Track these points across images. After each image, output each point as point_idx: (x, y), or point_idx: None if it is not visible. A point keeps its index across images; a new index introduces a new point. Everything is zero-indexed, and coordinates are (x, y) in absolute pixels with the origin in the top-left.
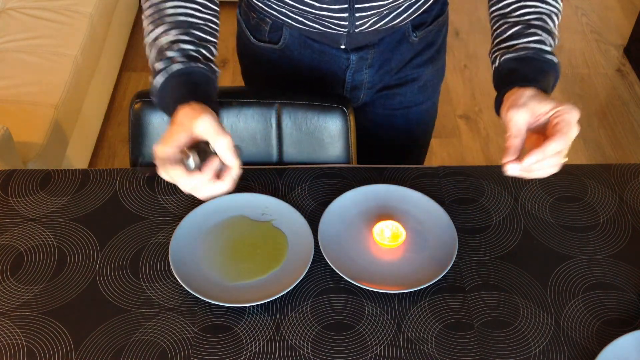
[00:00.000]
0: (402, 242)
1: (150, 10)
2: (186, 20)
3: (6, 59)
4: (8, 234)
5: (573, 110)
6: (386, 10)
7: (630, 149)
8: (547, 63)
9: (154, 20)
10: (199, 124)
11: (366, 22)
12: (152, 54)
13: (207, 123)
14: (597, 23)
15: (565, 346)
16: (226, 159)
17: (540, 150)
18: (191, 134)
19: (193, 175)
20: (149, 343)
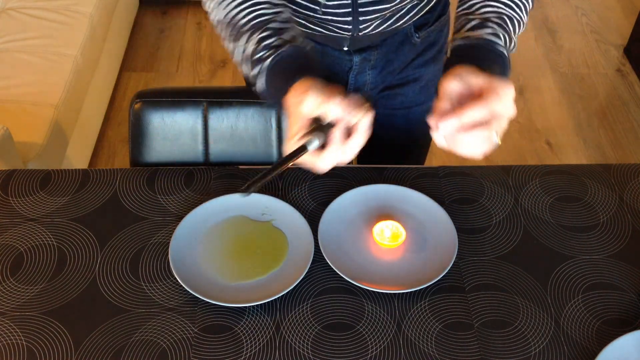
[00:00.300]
0: (402, 242)
1: (226, 30)
2: (260, 20)
3: (6, 59)
4: (8, 234)
5: (507, 85)
6: (389, 14)
7: (630, 149)
8: (495, 54)
9: (234, 37)
10: (305, 106)
11: (370, 26)
12: (246, 67)
13: (310, 101)
14: (597, 23)
15: (565, 346)
16: (346, 119)
17: (456, 115)
18: (306, 119)
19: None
20: (149, 343)
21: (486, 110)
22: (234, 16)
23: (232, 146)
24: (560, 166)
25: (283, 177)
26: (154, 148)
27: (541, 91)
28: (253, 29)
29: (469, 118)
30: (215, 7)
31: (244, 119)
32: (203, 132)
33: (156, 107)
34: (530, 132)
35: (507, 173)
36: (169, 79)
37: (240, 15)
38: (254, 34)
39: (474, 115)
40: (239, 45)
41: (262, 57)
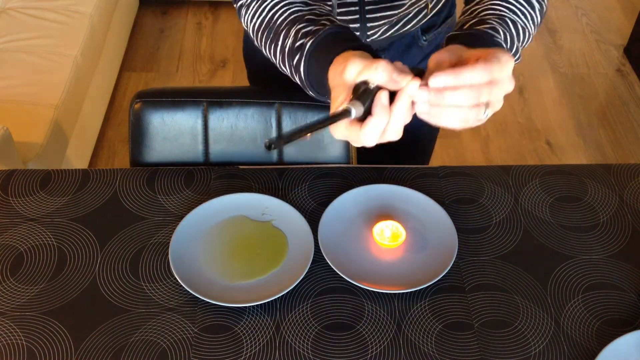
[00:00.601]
0: (402, 242)
1: (265, 35)
2: (297, 15)
3: (6, 59)
4: (8, 234)
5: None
6: (396, 19)
7: (630, 149)
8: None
9: (272, 39)
10: (348, 73)
11: (378, 31)
12: (288, 62)
13: (353, 67)
14: (597, 23)
15: (565, 346)
16: (392, 83)
17: (454, 71)
18: (349, 87)
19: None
20: (149, 343)
21: (487, 73)
22: (270, 18)
23: (232, 146)
24: (560, 166)
25: (283, 177)
26: (154, 148)
27: (541, 91)
28: (290, 24)
29: (468, 79)
30: (251, 19)
31: (244, 119)
32: (203, 132)
33: (156, 107)
34: (530, 132)
35: (507, 173)
36: (169, 79)
37: (276, 15)
38: (292, 29)
39: (473, 76)
40: (278, 44)
41: (302, 44)
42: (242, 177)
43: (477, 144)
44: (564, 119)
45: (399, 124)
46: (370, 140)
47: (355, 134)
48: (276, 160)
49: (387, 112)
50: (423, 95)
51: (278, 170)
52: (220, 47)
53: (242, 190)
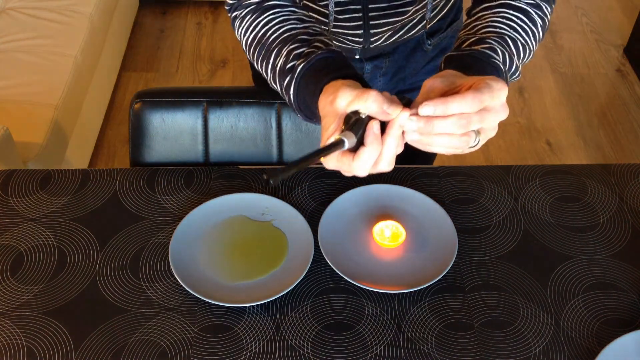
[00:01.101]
0: (402, 242)
1: (257, 51)
2: (289, 34)
3: (6, 59)
4: (8, 234)
5: (501, 81)
6: (400, 25)
7: (630, 149)
8: (490, 66)
9: (264, 56)
10: (338, 103)
11: (381, 37)
12: (279, 80)
13: (343, 97)
14: (597, 23)
15: (565, 346)
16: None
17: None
18: (340, 116)
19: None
20: (149, 343)
21: (477, 101)
22: (263, 35)
23: (232, 146)
24: (560, 166)
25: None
26: (154, 148)
27: (541, 91)
28: (282, 43)
29: (457, 108)
30: (245, 32)
31: (244, 119)
32: (203, 132)
33: (156, 107)
34: (530, 132)
35: (507, 173)
36: (169, 79)
37: (269, 32)
38: (283, 48)
39: (462, 104)
40: (270, 62)
41: (293, 66)
42: (242, 177)
43: None
44: (564, 119)
45: (391, 154)
46: (362, 170)
47: (347, 165)
48: (276, 160)
49: (379, 142)
50: (412, 124)
51: None
52: (220, 47)
53: (242, 190)
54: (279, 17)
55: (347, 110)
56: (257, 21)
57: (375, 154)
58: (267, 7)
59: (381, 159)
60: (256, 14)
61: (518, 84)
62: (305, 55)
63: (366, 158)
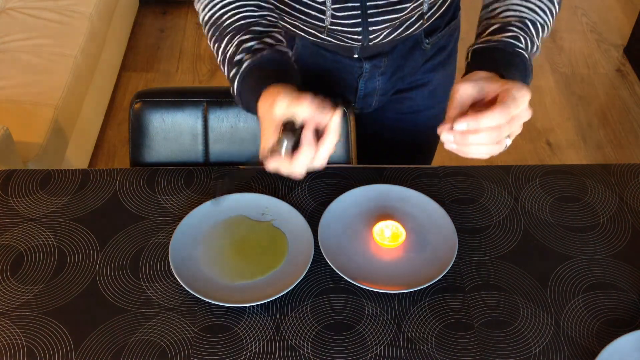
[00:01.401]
0: (402, 242)
1: (211, 31)
2: (244, 22)
3: (6, 59)
4: (8, 234)
5: (523, 88)
6: (399, 22)
7: (630, 149)
8: (515, 55)
9: (217, 38)
10: (276, 109)
11: (380, 35)
12: (226, 69)
13: (280, 104)
14: (597, 23)
15: (565, 346)
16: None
17: (474, 117)
18: (278, 123)
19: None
20: (149, 343)
21: (505, 115)
22: (219, 17)
23: (232, 146)
24: (560, 166)
25: (283, 177)
26: (154, 148)
27: (541, 91)
28: (235, 31)
29: (487, 123)
30: (203, 8)
31: (244, 119)
32: (203, 132)
33: (156, 107)
34: (530, 132)
35: (507, 173)
36: (169, 79)
37: (225, 16)
38: (235, 37)
39: (492, 120)
40: (221, 47)
41: (241, 60)
42: (242, 177)
43: None
44: (564, 119)
45: (326, 155)
46: (299, 171)
47: (285, 166)
48: None
49: (313, 146)
50: (450, 137)
51: None
52: None
53: (242, 190)
54: (237, 3)
55: (283, 116)
56: (215, 1)
57: (310, 157)
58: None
59: (316, 160)
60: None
61: None
62: (253, 51)
63: (303, 160)
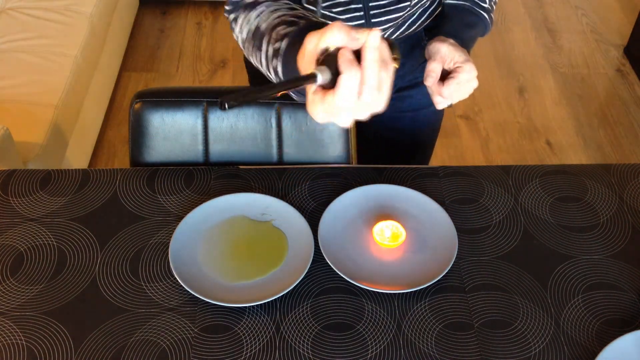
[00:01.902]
0: (402, 242)
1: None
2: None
3: (6, 59)
4: (8, 234)
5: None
6: (402, 20)
7: (630, 149)
8: (477, 17)
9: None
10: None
11: (383, 34)
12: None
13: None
14: (597, 23)
15: (565, 346)
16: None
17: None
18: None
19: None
20: (149, 343)
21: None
22: (256, 28)
23: (232, 146)
24: (560, 166)
25: (283, 177)
26: (154, 148)
27: (541, 91)
28: (271, 30)
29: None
30: (239, 29)
31: (244, 119)
32: (203, 132)
33: (156, 107)
34: (530, 132)
35: (507, 173)
36: (169, 79)
37: (259, 22)
38: (272, 33)
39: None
40: (262, 51)
41: (279, 47)
42: (242, 177)
43: (477, 143)
44: (564, 119)
45: (374, 78)
46: (347, 103)
47: (331, 104)
48: (276, 160)
49: (355, 65)
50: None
51: (278, 170)
52: (220, 47)
53: (242, 190)
54: (270, 8)
55: (317, 50)
56: (250, 15)
57: (354, 81)
58: (261, 1)
59: (365, 86)
60: (249, 10)
61: (518, 84)
62: (289, 33)
63: (346, 86)
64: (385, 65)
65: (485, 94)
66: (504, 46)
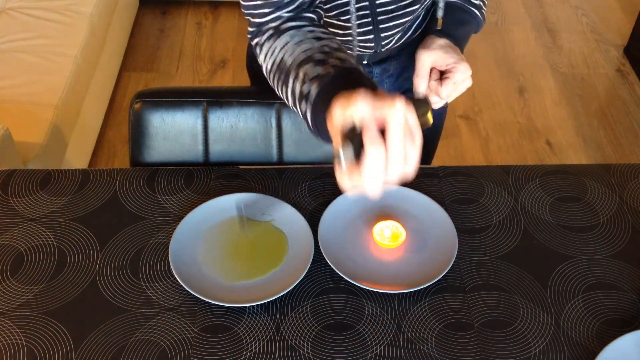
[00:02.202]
0: (402, 242)
1: (276, 77)
2: (306, 56)
3: (6, 59)
4: (8, 234)
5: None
6: (409, 23)
7: (630, 149)
8: (469, 14)
9: (283, 82)
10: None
11: (392, 40)
12: (299, 108)
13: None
14: (597, 23)
15: (565, 346)
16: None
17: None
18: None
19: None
20: (149, 343)
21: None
22: (281, 59)
23: (232, 146)
24: (560, 166)
25: (283, 177)
26: (154, 148)
27: (541, 91)
28: (299, 66)
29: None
30: (264, 59)
31: (244, 119)
32: (203, 132)
33: (156, 107)
34: (530, 132)
35: (507, 173)
36: (169, 79)
37: (286, 55)
38: (300, 70)
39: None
40: (288, 87)
41: (309, 91)
42: (242, 177)
43: (477, 143)
44: (564, 119)
45: (399, 154)
46: (374, 179)
47: (358, 180)
48: (276, 160)
49: (379, 142)
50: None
51: (278, 170)
52: (220, 47)
53: (242, 190)
54: (295, 39)
55: (344, 121)
56: (274, 45)
57: (380, 158)
58: (284, 29)
59: (389, 163)
60: (274, 39)
61: (518, 84)
62: (319, 78)
63: (372, 164)
64: (411, 136)
65: (485, 94)
66: (504, 46)
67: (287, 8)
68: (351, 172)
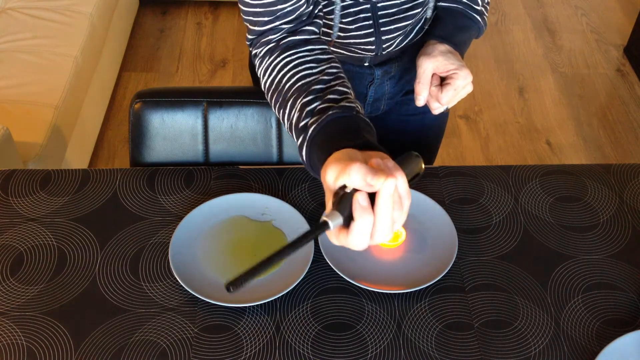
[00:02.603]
0: (402, 242)
1: (274, 98)
2: (304, 82)
3: (6, 59)
4: (8, 234)
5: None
6: (410, 26)
7: (630, 149)
8: (471, 20)
9: (281, 105)
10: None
11: (393, 43)
12: (294, 135)
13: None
14: (597, 23)
15: (565, 346)
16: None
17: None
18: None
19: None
20: (149, 343)
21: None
22: (279, 81)
23: (232, 146)
24: (560, 166)
25: (283, 177)
26: (154, 148)
27: (541, 91)
28: (297, 94)
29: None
30: (262, 74)
31: (244, 119)
32: (203, 132)
33: (156, 107)
34: (530, 132)
35: (507, 173)
36: (169, 79)
37: (285, 79)
38: (298, 100)
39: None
40: (285, 113)
41: (306, 125)
42: (242, 177)
43: (477, 143)
44: (564, 119)
45: (386, 225)
46: (359, 244)
47: (344, 243)
48: (276, 160)
49: (368, 213)
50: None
51: (278, 170)
52: (220, 47)
53: (242, 190)
54: (295, 60)
55: (335, 185)
56: (273, 64)
57: (367, 227)
58: (283, 46)
59: (376, 231)
60: (273, 56)
61: (518, 84)
62: (318, 113)
63: (358, 232)
64: (400, 204)
65: (485, 94)
66: (503, 46)
67: (287, 18)
68: (338, 235)
